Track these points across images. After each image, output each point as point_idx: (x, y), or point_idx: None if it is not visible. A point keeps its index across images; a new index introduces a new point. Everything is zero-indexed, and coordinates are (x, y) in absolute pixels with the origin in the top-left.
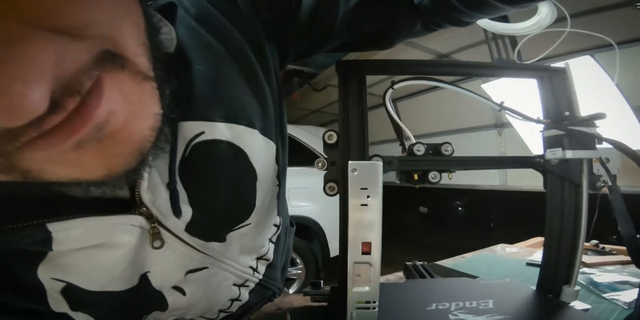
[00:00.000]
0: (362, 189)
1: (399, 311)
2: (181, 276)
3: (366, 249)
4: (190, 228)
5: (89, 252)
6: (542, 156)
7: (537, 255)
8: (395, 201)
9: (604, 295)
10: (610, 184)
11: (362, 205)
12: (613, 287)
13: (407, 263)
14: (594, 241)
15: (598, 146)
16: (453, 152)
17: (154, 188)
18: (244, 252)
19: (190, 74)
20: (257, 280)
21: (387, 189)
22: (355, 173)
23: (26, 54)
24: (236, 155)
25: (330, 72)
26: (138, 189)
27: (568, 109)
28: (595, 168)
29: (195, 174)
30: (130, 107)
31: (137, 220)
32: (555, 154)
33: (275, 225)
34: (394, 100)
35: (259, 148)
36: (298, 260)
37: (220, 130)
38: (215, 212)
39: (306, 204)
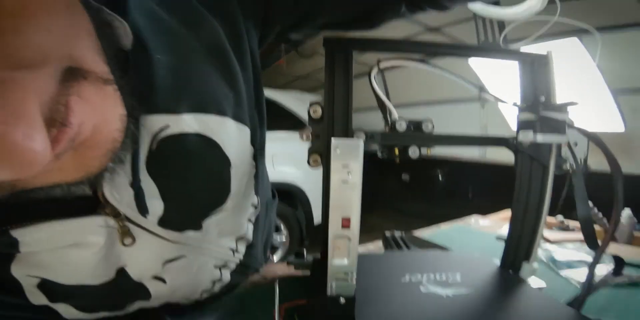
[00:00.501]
0: (343, 165)
1: (376, 282)
2: (159, 267)
3: (346, 224)
4: (163, 221)
5: (59, 251)
6: (515, 137)
7: (505, 230)
8: (379, 169)
9: (560, 272)
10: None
11: (343, 181)
12: (570, 264)
13: (386, 234)
14: (560, 216)
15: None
16: (433, 128)
17: (119, 187)
18: (222, 235)
19: (151, 65)
20: (238, 261)
21: (373, 156)
22: (338, 150)
23: (7, 99)
24: (207, 146)
25: (317, 40)
26: (101, 190)
27: (545, 95)
28: (563, 151)
29: (165, 168)
30: (96, 113)
31: (103, 220)
32: (527, 136)
33: (253, 205)
34: (382, 71)
35: (231, 135)
36: (282, 227)
37: (187, 122)
38: (188, 204)
39: (291, 170)
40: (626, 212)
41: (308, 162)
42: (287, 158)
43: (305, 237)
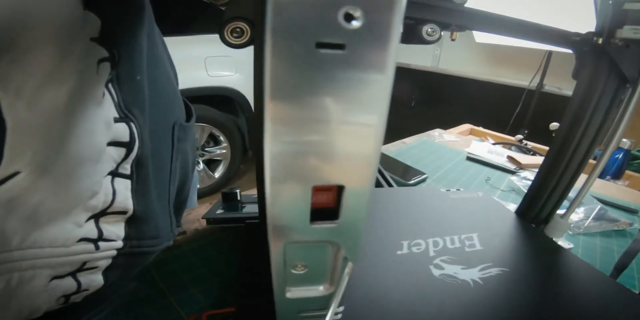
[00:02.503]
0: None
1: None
2: None
3: (321, 202)
4: None
5: None
6: (599, 33)
7: (474, 147)
8: None
9: None
10: None
11: None
12: None
13: None
14: (519, 136)
15: None
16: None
17: None
18: (44, 222)
19: None
20: (115, 253)
21: None
22: None
23: None
24: None
25: None
26: None
27: None
28: None
29: None
30: None
31: None
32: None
33: (117, 143)
34: None
35: None
36: (222, 138)
37: None
38: None
39: (228, 73)
40: None
41: (222, 35)
42: (223, 60)
43: (249, 147)
